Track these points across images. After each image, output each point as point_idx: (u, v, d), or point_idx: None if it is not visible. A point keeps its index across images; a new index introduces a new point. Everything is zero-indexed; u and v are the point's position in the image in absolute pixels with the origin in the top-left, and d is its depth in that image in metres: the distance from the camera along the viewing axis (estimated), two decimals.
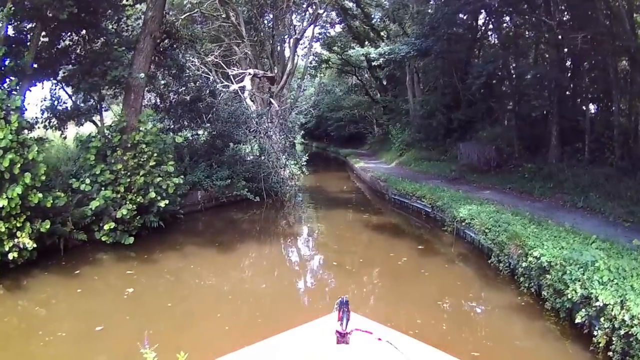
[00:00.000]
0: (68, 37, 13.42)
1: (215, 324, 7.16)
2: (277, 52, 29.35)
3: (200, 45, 16.31)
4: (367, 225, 13.87)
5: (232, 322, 7.32)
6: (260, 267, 10.99)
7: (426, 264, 10.17)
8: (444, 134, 25.40)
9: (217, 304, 8.11)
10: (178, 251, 11.03)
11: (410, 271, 9.78)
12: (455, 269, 10.16)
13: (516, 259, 9.28)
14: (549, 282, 7.77)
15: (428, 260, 10.44)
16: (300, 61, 32.89)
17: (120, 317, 7.49)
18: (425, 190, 14.77)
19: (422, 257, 10.62)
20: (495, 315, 8.00)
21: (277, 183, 16.88)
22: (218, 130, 16.11)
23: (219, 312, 7.76)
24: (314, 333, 3.32)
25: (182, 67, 16.18)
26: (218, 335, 6.73)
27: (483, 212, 11.66)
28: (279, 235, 13.71)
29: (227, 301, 8.39)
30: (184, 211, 14.28)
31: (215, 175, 15.23)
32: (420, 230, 13.55)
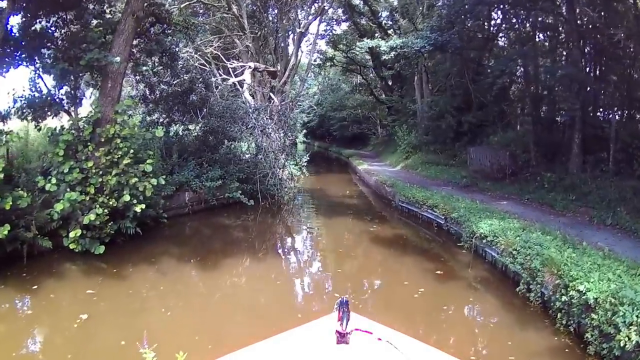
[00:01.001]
0: (45, 19, 11.81)
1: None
2: (280, 47, 27.67)
3: (194, 32, 14.53)
4: (374, 239, 12.00)
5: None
6: (244, 293, 8.71)
7: (447, 296, 8.37)
8: (453, 138, 23.68)
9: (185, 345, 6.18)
10: (153, 265, 9.28)
11: (430, 309, 7.85)
12: (481, 301, 8.42)
13: (552, 289, 7.61)
14: (595, 322, 6.15)
15: (449, 291, 8.60)
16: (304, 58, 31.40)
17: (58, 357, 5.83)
18: (438, 199, 13.02)
19: (442, 286, 8.75)
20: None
21: (274, 185, 15.18)
22: (211, 125, 14.37)
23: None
24: (314, 333, 3.22)
25: (173, 56, 14.48)
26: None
27: (507, 228, 9.95)
28: (271, 249, 11.81)
29: (196, 344, 6.19)
30: (169, 214, 12.58)
31: (206, 175, 13.51)
32: (432, 245, 11.83)
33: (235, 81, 18.64)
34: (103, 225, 9.83)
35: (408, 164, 24.26)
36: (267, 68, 21.00)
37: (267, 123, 15.38)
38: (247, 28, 23.07)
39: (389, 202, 16.26)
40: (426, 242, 12.08)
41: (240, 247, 10.88)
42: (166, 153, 13.74)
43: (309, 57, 31.06)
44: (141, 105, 14.97)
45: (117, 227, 10.20)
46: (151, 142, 12.98)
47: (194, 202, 13.44)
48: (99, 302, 7.62)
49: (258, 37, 27.43)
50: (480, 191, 16.17)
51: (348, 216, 14.94)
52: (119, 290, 8.09)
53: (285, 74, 23.25)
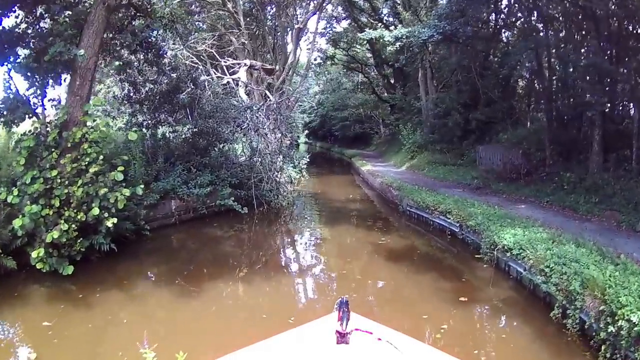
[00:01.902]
0: (14, 15, 10.50)
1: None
2: (278, 45, 26.27)
3: (183, 26, 13.12)
4: (381, 251, 10.45)
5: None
6: (232, 327, 6.88)
7: (475, 332, 6.89)
8: (460, 136, 22.24)
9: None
10: (125, 289, 7.88)
11: (458, 353, 6.34)
12: (511, 329, 6.98)
13: (594, 316, 6.24)
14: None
15: (476, 324, 7.13)
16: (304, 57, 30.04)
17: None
18: (451, 204, 11.55)
19: (467, 317, 7.21)
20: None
21: (270, 190, 13.75)
22: (200, 126, 12.96)
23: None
24: (314, 333, 3.12)
25: (159, 52, 13.12)
26: None
27: (534, 240, 8.54)
28: (265, 268, 9.85)
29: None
30: (153, 226, 11.24)
31: (195, 181, 12.10)
32: (447, 257, 10.36)
33: (230, 79, 17.25)
34: (72, 242, 8.50)
35: (413, 164, 22.82)
36: (264, 65, 19.60)
37: (262, 122, 13.94)
38: (243, 25, 21.68)
39: (395, 207, 14.78)
40: (440, 253, 10.60)
41: (229, 266, 9.33)
42: (152, 157, 12.37)
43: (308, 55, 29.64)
44: (126, 106, 13.59)
45: (88, 243, 8.87)
46: (135, 145, 11.64)
47: (182, 211, 12.01)
48: (53, 337, 6.25)
49: (255, 35, 26.07)
50: (493, 193, 14.74)
51: (352, 225, 13.46)
52: (79, 321, 6.72)
53: (284, 72, 21.83)
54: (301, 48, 25.99)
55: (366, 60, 44.19)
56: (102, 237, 8.87)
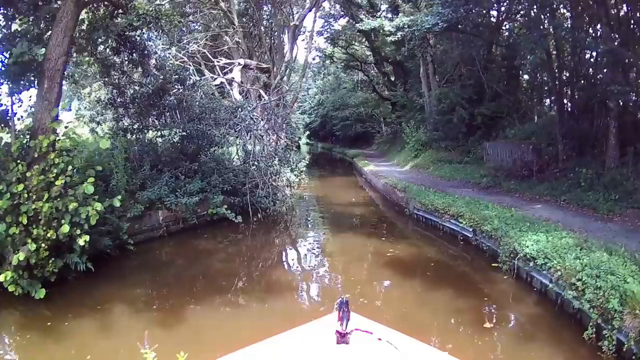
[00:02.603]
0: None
1: None
2: (275, 44, 25.34)
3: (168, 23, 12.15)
4: (390, 265, 9.18)
5: None
6: None
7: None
8: (465, 132, 21.23)
9: None
10: (98, 316, 6.90)
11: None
12: (541, 355, 5.98)
13: (634, 338, 5.34)
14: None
15: (502, 353, 6.12)
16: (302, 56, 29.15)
17: None
18: (462, 207, 10.53)
19: (493, 349, 6.09)
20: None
21: (266, 196, 12.71)
22: (188, 130, 11.99)
23: None
24: (314, 333, 3.12)
25: (143, 52, 12.20)
26: None
27: (559, 247, 7.56)
28: (259, 284, 8.72)
29: None
30: (139, 239, 10.31)
31: (183, 188, 11.13)
32: (461, 266, 9.26)
33: (223, 80, 16.32)
34: (44, 263, 7.59)
35: (418, 163, 21.82)
36: (259, 64, 18.67)
37: (254, 123, 12.93)
38: (237, 23, 20.75)
39: (401, 210, 13.76)
40: (454, 263, 9.50)
41: (220, 286, 8.21)
42: (138, 165, 11.44)
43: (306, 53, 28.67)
44: (112, 111, 12.65)
45: (63, 263, 7.96)
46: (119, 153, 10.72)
47: (170, 221, 11.02)
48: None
49: (251, 35, 25.15)
50: (505, 192, 13.75)
51: (356, 233, 12.30)
52: (42, 356, 5.81)
53: (281, 70, 20.87)
54: (298, 46, 25.01)
55: (365, 58, 43.22)
56: (77, 256, 7.96)
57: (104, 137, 10.51)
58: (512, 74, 22.34)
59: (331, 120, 49.80)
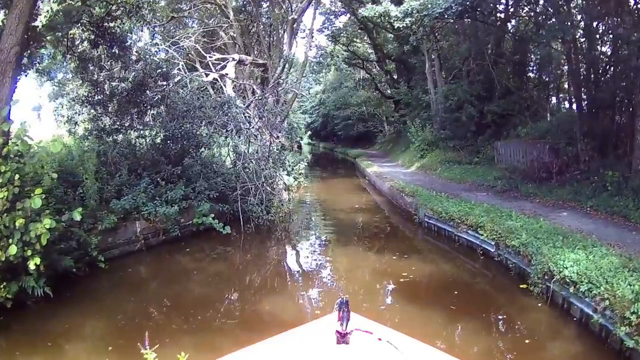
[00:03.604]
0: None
1: None
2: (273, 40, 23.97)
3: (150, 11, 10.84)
4: (405, 288, 7.64)
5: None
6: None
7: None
8: (474, 131, 19.86)
9: None
10: (48, 356, 5.63)
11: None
12: None
13: None
14: None
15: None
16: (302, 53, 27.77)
17: None
18: (482, 216, 9.06)
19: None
20: None
21: (259, 204, 11.23)
22: (171, 129, 10.64)
23: None
24: (314, 333, 3.03)
25: (123, 44, 10.90)
26: None
27: (604, 268, 6.23)
28: (245, 320, 6.82)
29: None
30: (113, 254, 9.00)
31: (165, 196, 9.78)
32: (481, 283, 7.91)
33: (215, 76, 15.00)
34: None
35: (424, 164, 20.44)
36: (255, 60, 17.34)
37: (245, 121, 11.49)
38: (232, 16, 19.43)
39: (409, 217, 12.34)
40: (476, 283, 7.90)
41: (196, 318, 6.69)
42: (115, 169, 10.12)
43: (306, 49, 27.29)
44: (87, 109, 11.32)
45: (17, 287, 6.67)
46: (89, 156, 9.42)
47: (149, 233, 9.64)
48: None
49: (249, 32, 23.85)
50: (524, 197, 12.37)
51: (362, 246, 10.72)
52: None
53: (279, 67, 19.52)
54: (297, 42, 23.65)
55: (367, 55, 41.93)
56: (33, 279, 6.66)
57: (57, 141, 9.29)
58: (522, 69, 21.05)
59: (333, 120, 48.69)
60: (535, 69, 21.39)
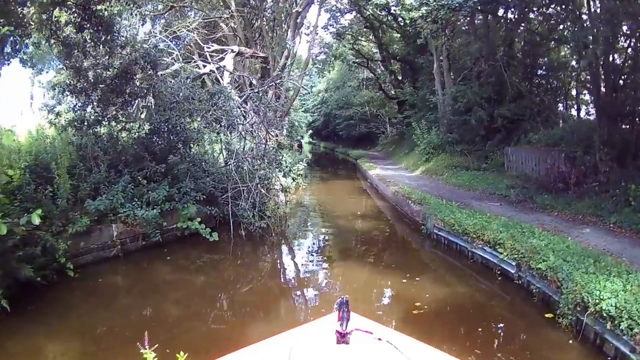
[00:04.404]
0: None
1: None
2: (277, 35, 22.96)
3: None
4: (417, 320, 6.30)
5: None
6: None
7: None
8: (483, 135, 18.87)
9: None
10: None
11: None
12: None
13: None
14: None
15: None
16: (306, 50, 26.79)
17: None
18: (500, 232, 8.03)
19: None
20: None
21: (251, 208, 10.06)
22: (155, 122, 9.63)
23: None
24: (314, 333, 3.00)
25: (109, 28, 9.91)
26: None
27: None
28: (229, 342, 5.23)
29: None
30: (87, 259, 8.07)
31: (146, 196, 8.78)
32: (502, 310, 6.89)
33: (212, 67, 14.00)
34: None
35: (429, 168, 19.44)
36: (255, 53, 16.33)
37: (237, 115, 10.40)
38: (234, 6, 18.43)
39: (416, 226, 11.28)
40: (494, 310, 6.86)
41: (172, 344, 5.17)
42: (94, 165, 9.14)
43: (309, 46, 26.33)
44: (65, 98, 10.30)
45: None
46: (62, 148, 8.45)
47: (127, 238, 8.62)
48: None
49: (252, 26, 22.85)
50: (540, 209, 11.40)
51: (365, 261, 9.31)
52: None
53: (281, 61, 18.51)
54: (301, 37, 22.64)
55: (372, 55, 40.93)
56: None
57: (9, 131, 8.34)
58: (533, 73, 20.07)
59: (334, 120, 47.79)
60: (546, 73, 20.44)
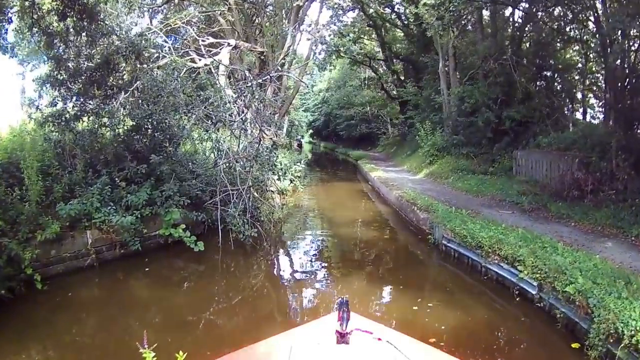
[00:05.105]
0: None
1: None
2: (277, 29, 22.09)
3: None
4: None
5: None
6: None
7: None
8: (490, 138, 18.04)
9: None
10: None
11: None
12: None
13: None
14: None
15: None
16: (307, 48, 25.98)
17: None
18: (519, 246, 7.15)
19: None
20: None
21: (241, 214, 8.94)
22: (136, 118, 8.74)
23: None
24: (314, 333, 2.97)
25: (92, 14, 9.07)
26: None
27: None
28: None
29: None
30: (59, 269, 7.25)
31: (125, 200, 7.94)
32: (522, 335, 6.01)
33: (207, 62, 13.15)
34: None
35: (434, 171, 18.59)
36: (253, 47, 15.49)
37: (225, 110, 9.44)
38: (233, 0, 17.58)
39: (422, 235, 10.31)
40: (515, 336, 6.06)
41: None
42: (72, 164, 8.30)
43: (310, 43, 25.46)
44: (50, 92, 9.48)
45: None
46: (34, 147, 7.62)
47: (103, 246, 7.78)
48: None
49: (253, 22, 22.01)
50: (556, 219, 10.55)
51: (369, 278, 8.23)
52: None
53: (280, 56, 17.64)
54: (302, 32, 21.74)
55: (375, 54, 40.07)
56: None
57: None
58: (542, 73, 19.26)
59: (335, 119, 47.04)
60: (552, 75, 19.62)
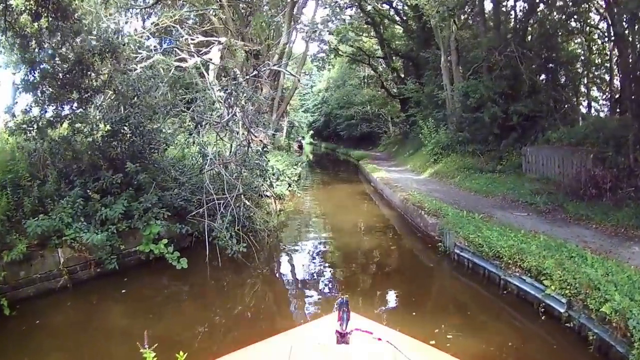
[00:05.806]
0: None
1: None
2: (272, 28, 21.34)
3: None
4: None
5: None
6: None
7: None
8: (497, 134, 17.20)
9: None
10: None
11: None
12: None
13: None
14: None
15: None
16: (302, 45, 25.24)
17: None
18: (544, 257, 6.31)
19: None
20: None
21: (229, 226, 8.12)
22: (112, 121, 7.90)
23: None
24: (314, 333, 2.98)
25: (67, 12, 8.30)
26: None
27: None
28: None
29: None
30: (29, 292, 6.48)
31: (100, 213, 7.16)
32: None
33: (196, 60, 12.38)
34: None
35: (439, 170, 17.77)
36: (246, 45, 14.71)
37: (205, 111, 8.54)
38: None
39: (432, 243, 9.32)
40: (540, 356, 5.24)
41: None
42: (45, 174, 7.52)
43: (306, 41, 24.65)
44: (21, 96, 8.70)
45: None
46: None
47: (77, 265, 6.96)
48: None
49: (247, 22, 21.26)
50: (575, 220, 9.69)
51: (376, 301, 7.20)
52: None
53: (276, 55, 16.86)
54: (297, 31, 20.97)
55: (373, 51, 39.28)
56: None
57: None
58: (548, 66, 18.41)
59: (335, 119, 46.37)
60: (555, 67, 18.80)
